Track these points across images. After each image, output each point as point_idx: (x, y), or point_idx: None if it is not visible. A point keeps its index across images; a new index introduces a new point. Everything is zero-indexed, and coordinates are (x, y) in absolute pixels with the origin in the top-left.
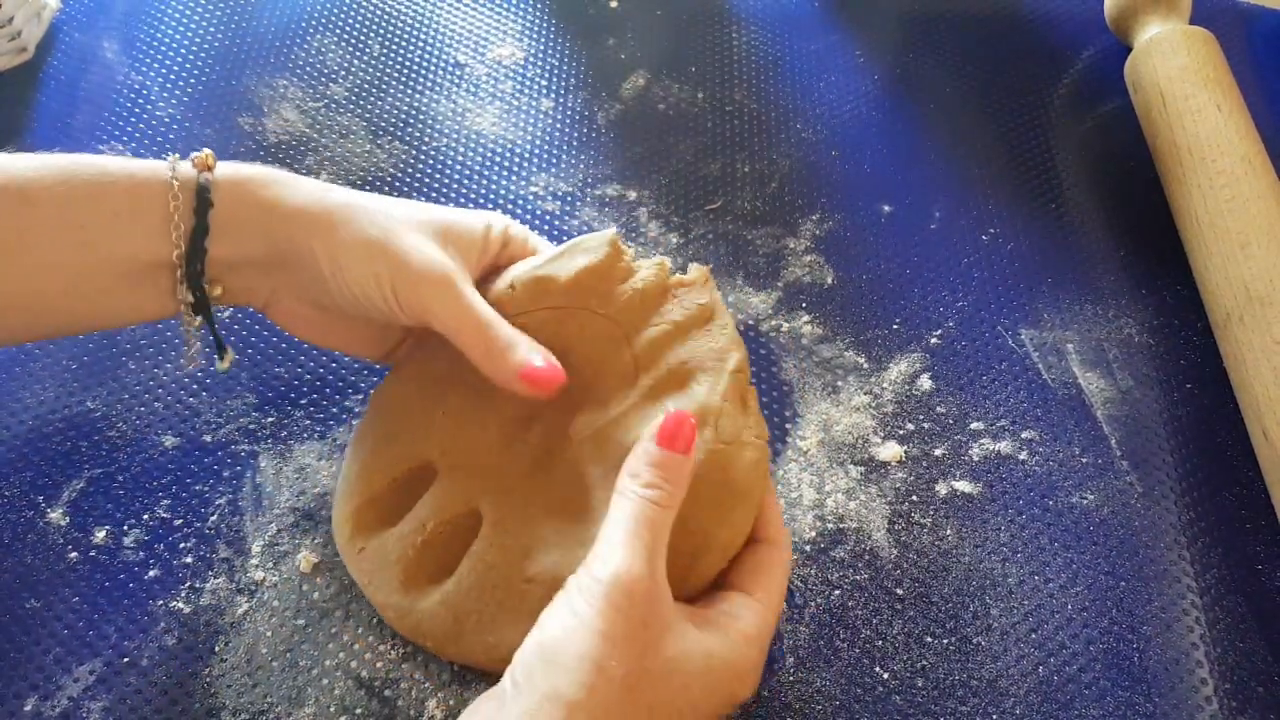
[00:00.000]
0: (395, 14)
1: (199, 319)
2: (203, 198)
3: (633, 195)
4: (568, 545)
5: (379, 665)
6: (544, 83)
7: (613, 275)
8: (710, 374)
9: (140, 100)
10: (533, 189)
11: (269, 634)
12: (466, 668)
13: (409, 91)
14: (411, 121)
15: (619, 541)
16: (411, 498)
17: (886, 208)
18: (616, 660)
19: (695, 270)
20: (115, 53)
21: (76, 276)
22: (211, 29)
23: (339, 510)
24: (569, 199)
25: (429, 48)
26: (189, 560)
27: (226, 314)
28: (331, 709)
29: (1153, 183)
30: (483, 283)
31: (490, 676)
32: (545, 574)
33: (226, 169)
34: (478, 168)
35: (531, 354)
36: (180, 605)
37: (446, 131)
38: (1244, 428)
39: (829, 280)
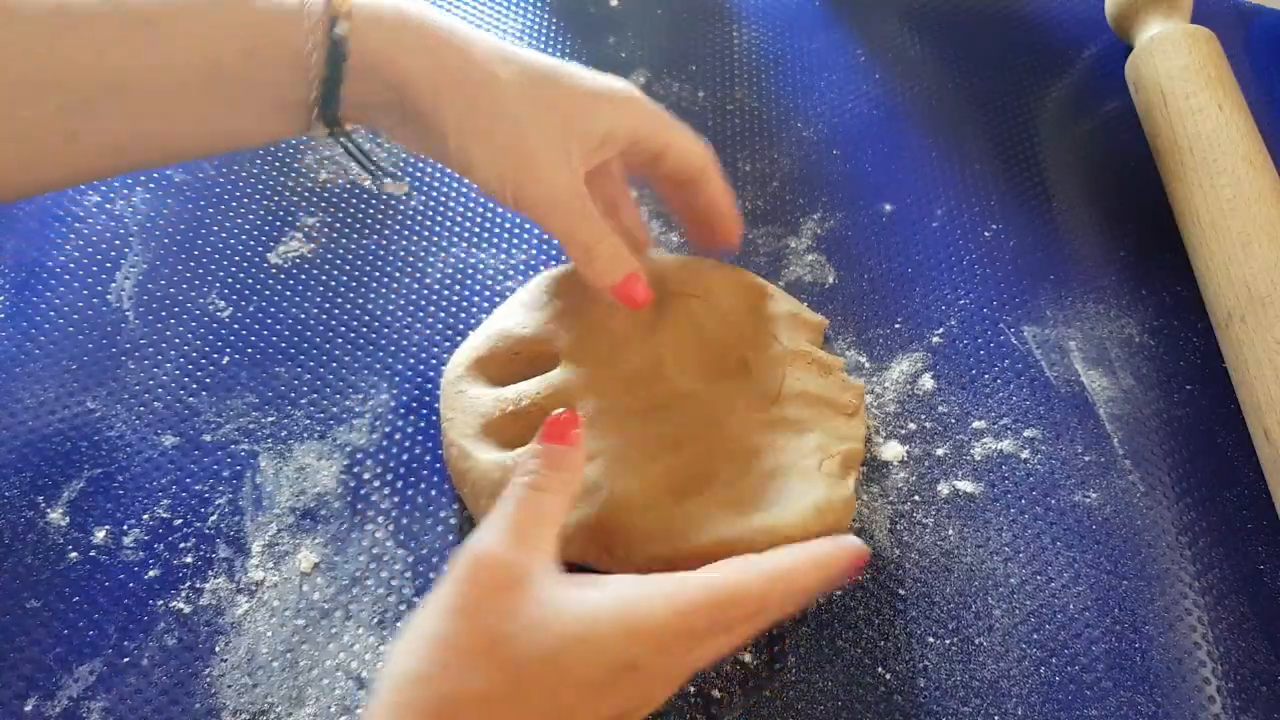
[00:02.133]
0: None
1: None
2: (337, 49)
3: (634, 193)
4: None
5: (379, 665)
6: None
7: (814, 338)
8: (826, 437)
9: None
10: None
11: (269, 634)
12: None
13: None
14: None
15: (487, 523)
16: (528, 371)
17: (888, 206)
18: (463, 628)
19: (857, 391)
20: None
21: (207, 108)
22: None
23: (460, 353)
24: None
25: None
26: (189, 560)
27: (226, 314)
28: (332, 709)
29: (1154, 181)
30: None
31: None
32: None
33: (364, 9)
34: None
35: (625, 274)
36: (180, 605)
37: None
38: (1245, 427)
39: (830, 279)
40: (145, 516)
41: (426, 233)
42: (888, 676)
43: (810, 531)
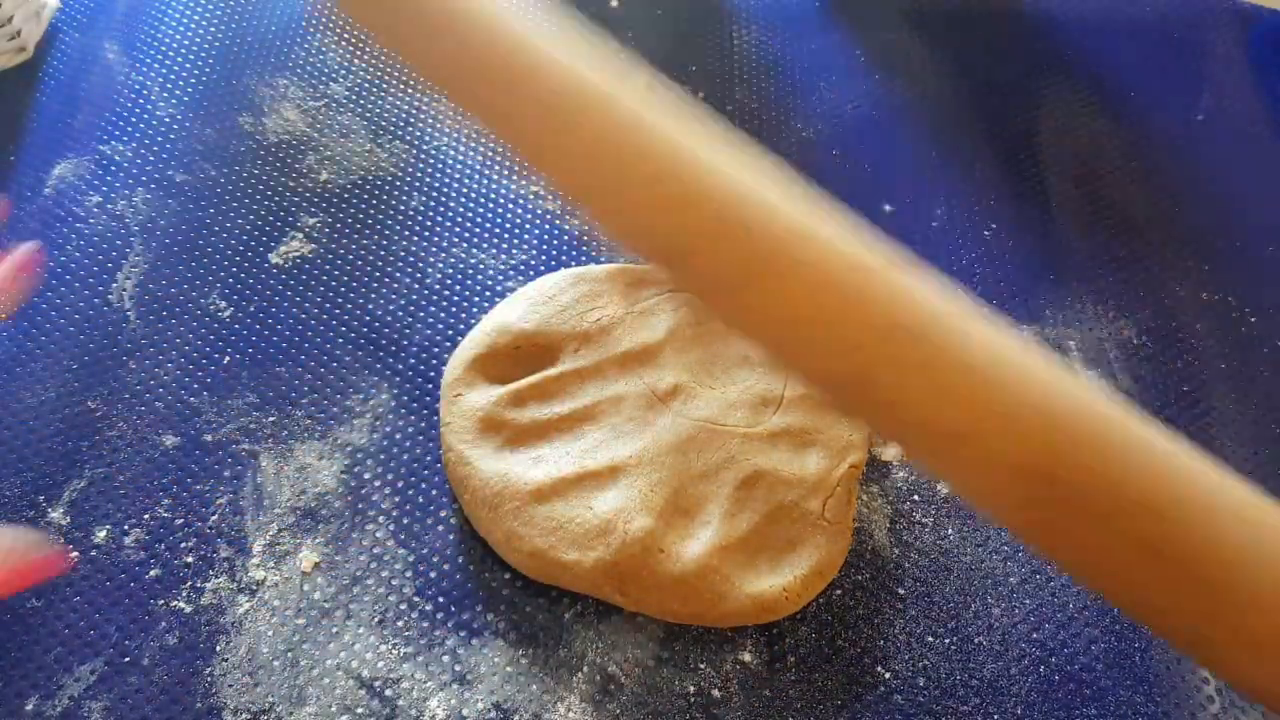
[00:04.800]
0: None
1: None
2: None
3: None
4: (612, 491)
5: (380, 665)
6: None
7: None
8: (829, 453)
9: (140, 100)
10: (534, 187)
11: (270, 633)
12: (468, 670)
13: (409, 90)
14: (412, 120)
15: None
16: (528, 367)
17: (888, 207)
18: None
19: None
20: (115, 52)
21: None
22: (212, 28)
23: (459, 352)
24: None
25: None
26: (190, 560)
27: (226, 313)
28: (332, 708)
29: (1152, 182)
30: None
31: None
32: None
33: None
34: (478, 166)
35: None
36: (181, 604)
37: (447, 130)
38: (1242, 428)
39: None
40: (146, 516)
41: (426, 233)
42: (887, 676)
43: (812, 593)
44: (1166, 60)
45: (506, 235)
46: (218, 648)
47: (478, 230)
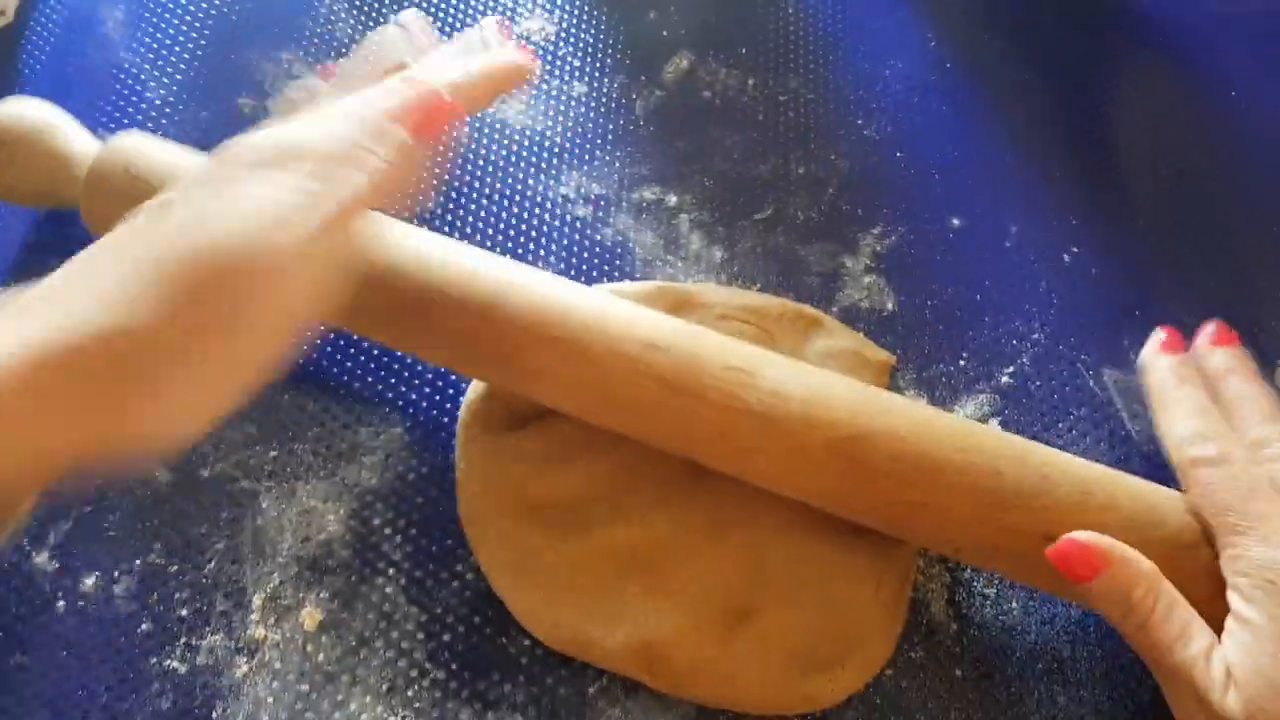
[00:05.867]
0: None
1: None
2: None
3: (673, 200)
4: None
5: None
6: (576, 63)
7: (878, 379)
8: None
9: (129, 80)
10: (563, 190)
11: (270, 699)
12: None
13: None
14: None
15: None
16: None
17: (955, 221)
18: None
19: None
20: (103, 19)
21: None
22: None
23: (477, 384)
24: (603, 203)
25: (450, 19)
26: (184, 613)
27: None
28: None
29: (1263, 201)
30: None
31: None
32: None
33: None
34: (502, 163)
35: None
36: (175, 664)
37: (468, 118)
38: None
39: (889, 305)
40: (137, 563)
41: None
42: None
43: (861, 682)
44: (1275, 60)
45: (530, 244)
46: (214, 714)
47: (496, 236)
